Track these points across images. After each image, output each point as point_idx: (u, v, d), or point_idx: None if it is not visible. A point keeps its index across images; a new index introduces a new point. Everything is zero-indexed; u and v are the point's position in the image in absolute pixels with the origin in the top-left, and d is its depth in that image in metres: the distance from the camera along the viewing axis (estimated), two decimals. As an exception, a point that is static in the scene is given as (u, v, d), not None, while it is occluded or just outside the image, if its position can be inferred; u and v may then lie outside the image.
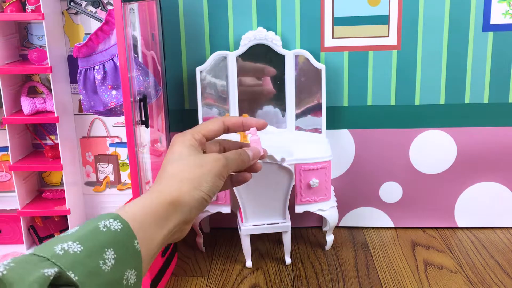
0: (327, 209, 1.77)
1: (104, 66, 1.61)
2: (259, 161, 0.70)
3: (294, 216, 1.80)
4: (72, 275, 0.45)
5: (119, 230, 0.51)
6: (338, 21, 1.81)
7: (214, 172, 0.61)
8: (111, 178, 1.91)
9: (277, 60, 1.82)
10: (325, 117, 1.82)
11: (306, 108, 1.86)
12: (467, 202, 1.95)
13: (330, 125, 1.88)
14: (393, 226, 2.00)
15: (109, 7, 1.68)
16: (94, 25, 1.74)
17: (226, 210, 1.78)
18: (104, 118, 1.85)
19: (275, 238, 1.92)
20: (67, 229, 1.85)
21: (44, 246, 0.48)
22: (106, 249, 0.49)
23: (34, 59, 1.69)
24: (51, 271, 0.44)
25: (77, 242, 0.48)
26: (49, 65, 1.66)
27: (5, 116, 1.70)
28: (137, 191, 1.54)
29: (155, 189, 0.59)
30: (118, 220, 0.52)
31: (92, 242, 0.49)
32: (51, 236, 1.87)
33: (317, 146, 1.78)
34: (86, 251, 0.47)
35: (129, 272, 0.50)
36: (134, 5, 1.57)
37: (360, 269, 1.73)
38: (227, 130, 0.68)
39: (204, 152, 0.65)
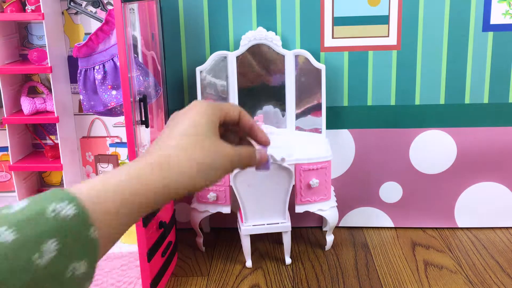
0: (327, 209, 1.77)
1: (104, 66, 1.61)
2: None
3: (294, 216, 1.80)
4: None
5: (70, 217, 0.44)
6: (338, 21, 1.81)
7: (225, 168, 0.56)
8: (111, 178, 1.91)
9: (277, 60, 1.82)
10: (325, 117, 1.82)
11: (306, 108, 1.86)
12: (467, 202, 1.95)
13: (330, 125, 1.88)
14: (393, 226, 2.00)
15: (109, 7, 1.68)
16: (94, 25, 1.74)
17: (226, 210, 1.78)
18: (104, 118, 1.85)
19: (275, 238, 1.92)
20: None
21: None
22: (47, 240, 0.42)
23: (34, 59, 1.69)
24: None
25: (13, 229, 0.41)
26: (49, 65, 1.66)
27: (5, 116, 1.70)
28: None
29: (149, 155, 0.53)
30: (73, 204, 0.44)
31: (31, 231, 0.42)
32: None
33: (317, 146, 1.78)
34: (18, 242, 0.41)
35: (76, 263, 0.44)
36: (134, 5, 1.57)
37: (360, 269, 1.73)
38: (237, 124, 0.62)
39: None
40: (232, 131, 0.64)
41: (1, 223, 0.41)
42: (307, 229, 2.01)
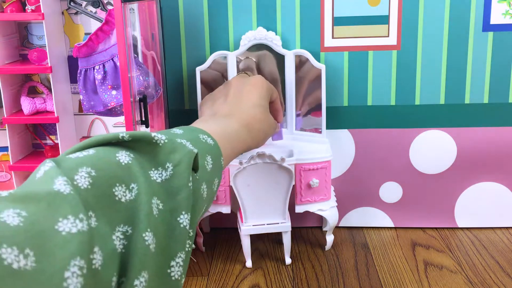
0: (327, 209, 1.77)
1: (104, 66, 1.61)
2: (259, 160, 0.96)
3: (294, 216, 1.80)
4: (197, 162, 0.59)
5: (212, 144, 0.64)
6: (338, 21, 1.81)
7: (270, 134, 0.88)
8: (111, 178, 1.91)
9: (277, 60, 1.82)
10: (325, 117, 1.82)
11: (306, 108, 1.86)
12: (467, 202, 1.95)
13: (330, 125, 1.88)
14: (393, 226, 2.00)
15: (109, 7, 1.68)
16: (94, 25, 1.75)
17: (226, 210, 1.78)
18: (104, 118, 1.85)
19: (275, 238, 1.92)
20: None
21: (168, 134, 0.60)
22: (207, 155, 0.62)
23: (34, 59, 1.69)
24: (194, 150, 0.58)
25: (190, 143, 0.59)
26: (49, 65, 1.66)
27: (5, 116, 1.70)
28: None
29: (237, 116, 0.83)
30: (210, 138, 0.65)
31: (199, 146, 0.61)
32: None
33: (317, 146, 1.78)
34: (199, 151, 0.61)
35: (216, 181, 0.63)
36: (134, 5, 1.57)
37: (360, 269, 1.73)
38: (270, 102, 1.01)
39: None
40: None
41: (181, 137, 0.61)
42: (307, 229, 2.01)
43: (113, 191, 0.49)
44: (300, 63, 1.82)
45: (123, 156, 0.53)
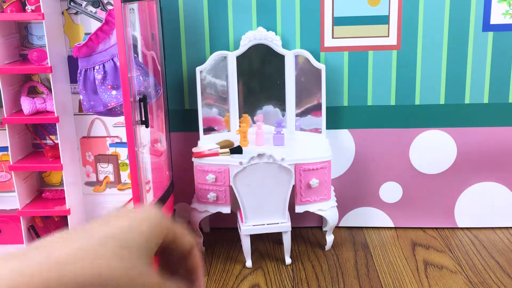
0: (327, 209, 1.77)
1: (104, 66, 1.61)
2: (259, 160, 0.61)
3: (294, 216, 1.80)
4: None
5: None
6: (338, 21, 1.81)
7: None
8: (111, 178, 1.91)
9: (277, 60, 1.82)
10: (325, 117, 1.82)
11: (306, 108, 1.86)
12: (467, 202, 1.95)
13: (330, 125, 1.88)
14: (393, 226, 1.99)
15: (109, 7, 1.68)
16: (94, 25, 1.74)
17: (226, 210, 1.78)
18: (104, 118, 1.85)
19: (275, 238, 1.92)
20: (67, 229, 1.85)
21: None
22: None
23: (34, 59, 1.69)
24: None
25: None
26: (49, 65, 1.66)
27: (5, 116, 1.70)
28: (137, 191, 1.54)
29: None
30: None
31: None
32: (51, 236, 1.86)
33: (317, 146, 1.78)
34: None
35: None
36: (134, 5, 1.57)
37: (360, 269, 1.73)
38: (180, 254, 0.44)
39: None
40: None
41: None
42: (307, 229, 2.01)
43: None
44: (300, 63, 1.82)
45: None
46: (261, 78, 1.88)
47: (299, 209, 1.75)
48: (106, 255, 0.35)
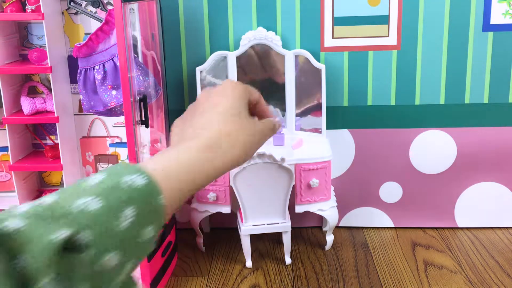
0: (327, 209, 1.77)
1: (104, 66, 1.61)
2: (259, 160, 0.72)
3: (294, 216, 1.80)
4: (87, 235, 0.45)
5: (140, 187, 0.50)
6: (338, 21, 1.81)
7: (258, 142, 0.63)
8: (111, 178, 1.91)
9: (277, 60, 1.82)
10: (325, 117, 1.82)
11: (306, 108, 1.86)
12: (467, 202, 1.95)
13: (330, 125, 1.88)
14: (393, 226, 2.00)
15: (109, 7, 1.68)
16: (94, 25, 1.74)
17: (226, 210, 1.78)
18: (104, 118, 1.85)
19: (275, 238, 1.92)
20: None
21: (67, 196, 0.48)
22: (126, 206, 0.49)
23: (34, 59, 1.69)
24: (65, 233, 0.44)
25: (99, 198, 0.47)
26: (49, 65, 1.66)
27: (5, 116, 1.70)
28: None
29: (199, 139, 0.59)
30: (143, 176, 0.51)
31: (113, 199, 0.48)
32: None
33: (317, 146, 1.78)
34: (104, 209, 0.47)
35: (147, 228, 0.50)
36: (134, 5, 1.57)
37: (360, 269, 1.73)
38: (253, 104, 0.68)
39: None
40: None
41: (87, 193, 0.48)
42: (307, 229, 2.01)
43: None
44: (300, 63, 1.82)
45: None
46: (261, 78, 1.88)
47: (299, 209, 1.75)
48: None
